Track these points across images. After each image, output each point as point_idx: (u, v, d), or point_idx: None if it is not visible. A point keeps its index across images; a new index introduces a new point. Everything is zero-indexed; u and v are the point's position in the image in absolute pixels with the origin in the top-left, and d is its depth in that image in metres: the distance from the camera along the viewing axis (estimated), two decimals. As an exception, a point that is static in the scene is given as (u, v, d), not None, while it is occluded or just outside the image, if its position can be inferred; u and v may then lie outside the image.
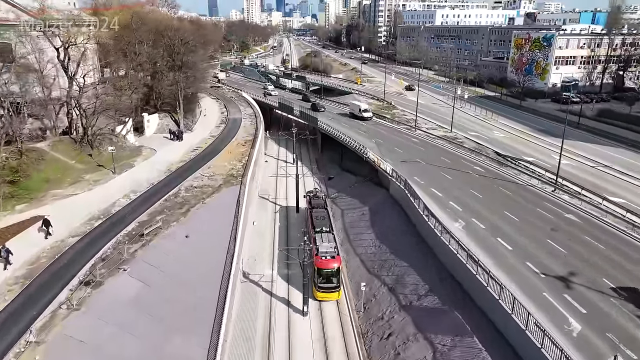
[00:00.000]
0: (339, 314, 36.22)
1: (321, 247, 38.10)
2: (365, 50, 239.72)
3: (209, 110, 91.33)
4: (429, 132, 73.28)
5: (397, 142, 66.88)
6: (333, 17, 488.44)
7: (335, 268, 36.47)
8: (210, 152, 63.35)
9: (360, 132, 72.86)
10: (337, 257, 37.41)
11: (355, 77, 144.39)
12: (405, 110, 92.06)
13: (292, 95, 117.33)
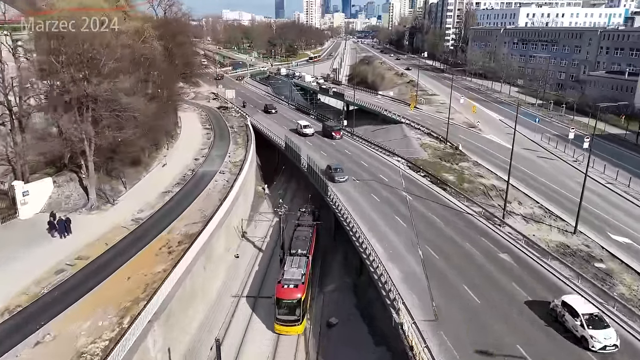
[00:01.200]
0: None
1: (286, 272, 34.62)
2: (428, 56, 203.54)
3: (180, 153, 62.21)
4: (526, 235, 38.50)
5: (468, 264, 33.40)
6: (397, 18, 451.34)
7: (296, 299, 32.77)
8: (94, 273, 32.90)
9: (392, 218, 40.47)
10: (300, 285, 33.45)
11: (410, 95, 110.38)
12: (480, 164, 57.78)
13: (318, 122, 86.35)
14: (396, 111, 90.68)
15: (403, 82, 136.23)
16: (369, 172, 53.92)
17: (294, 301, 32.94)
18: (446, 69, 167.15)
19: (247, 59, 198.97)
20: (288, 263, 35.90)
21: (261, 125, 78.19)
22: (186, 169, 55.45)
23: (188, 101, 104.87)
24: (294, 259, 36.35)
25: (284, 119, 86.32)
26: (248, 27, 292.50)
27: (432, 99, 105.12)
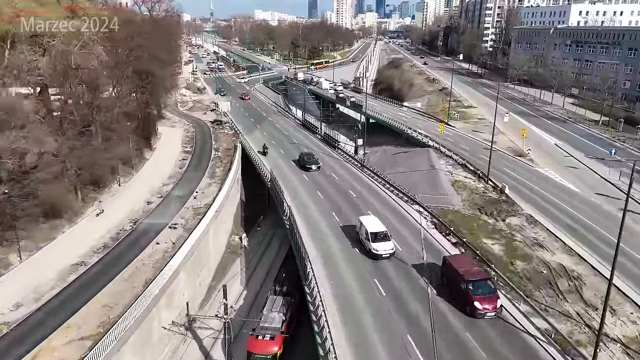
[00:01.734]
0: None
1: (264, 318, 29.73)
2: (464, 59, 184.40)
3: (132, 192, 47.75)
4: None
5: None
6: (432, 18, 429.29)
7: (270, 355, 27.58)
8: None
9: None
10: (278, 337, 28.34)
11: (442, 109, 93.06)
12: (537, 220, 40.59)
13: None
14: (423, 129, 74.13)
15: (434, 90, 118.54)
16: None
17: (267, 358, 27.62)
18: (484, 73, 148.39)
19: (266, 62, 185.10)
20: (269, 304, 31.22)
21: (251, 149, 63.22)
22: (127, 220, 40.85)
23: (181, 113, 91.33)
24: (276, 299, 31.51)
25: (278, 135, 71.10)
26: (272, 27, 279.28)
27: (467, 113, 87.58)
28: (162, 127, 76.87)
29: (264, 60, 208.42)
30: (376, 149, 77.89)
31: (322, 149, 64.77)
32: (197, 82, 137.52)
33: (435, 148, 63.63)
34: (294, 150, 63.12)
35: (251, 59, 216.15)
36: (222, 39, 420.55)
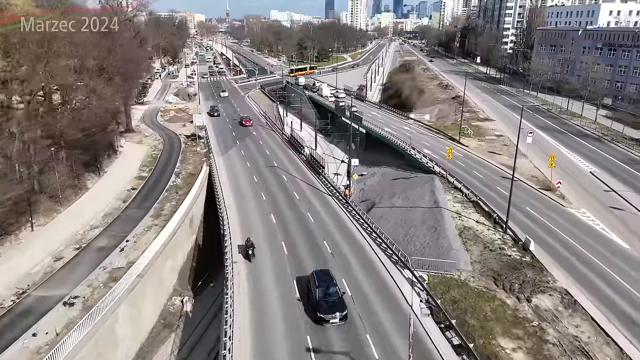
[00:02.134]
0: None
1: None
2: (481, 62, 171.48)
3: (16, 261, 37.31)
4: None
5: None
6: (449, 18, 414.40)
7: None
8: None
9: None
10: None
11: (454, 119, 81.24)
12: (577, 301, 28.81)
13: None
14: (430, 148, 62.73)
15: (447, 98, 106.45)
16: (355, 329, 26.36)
17: None
18: (503, 78, 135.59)
19: (272, 65, 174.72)
20: None
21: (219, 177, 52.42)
22: (13, 289, 30.34)
23: (157, 125, 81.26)
24: None
25: (257, 156, 60.23)
26: (280, 28, 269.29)
27: (483, 128, 75.55)
28: (128, 142, 66.83)
29: (271, 63, 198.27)
30: (375, 170, 66.72)
31: (304, 174, 53.66)
32: (190, 87, 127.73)
33: (442, 176, 52.09)
34: (271, 177, 52.24)
35: (257, 61, 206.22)
36: (234, 40, 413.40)
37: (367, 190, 60.19)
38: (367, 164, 72.45)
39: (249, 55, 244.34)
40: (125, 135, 70.73)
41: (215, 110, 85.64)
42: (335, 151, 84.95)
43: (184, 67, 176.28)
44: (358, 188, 62.93)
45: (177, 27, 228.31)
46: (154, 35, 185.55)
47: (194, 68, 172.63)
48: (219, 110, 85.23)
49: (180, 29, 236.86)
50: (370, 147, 78.30)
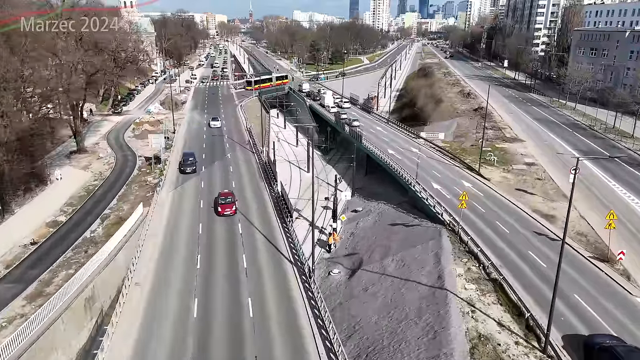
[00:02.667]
0: None
1: None
2: (509, 66, 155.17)
3: None
4: None
5: None
6: (476, 18, 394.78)
7: None
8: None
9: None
10: None
11: (474, 138, 66.96)
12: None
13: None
14: (442, 181, 48.91)
15: (468, 109, 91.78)
16: None
17: None
18: (534, 85, 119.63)
19: (274, 68, 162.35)
20: None
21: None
22: None
23: (119, 142, 69.56)
24: None
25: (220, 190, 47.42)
26: (296, 28, 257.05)
27: (510, 152, 61.01)
28: (71, 167, 55.12)
29: (282, 66, 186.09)
30: (372, 206, 53.31)
31: (267, 224, 40.36)
32: (183, 93, 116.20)
33: (452, 229, 38.29)
34: (222, 228, 39.36)
35: (269, 63, 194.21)
36: (252, 41, 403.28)
37: (358, 237, 46.80)
38: (365, 194, 59.09)
39: (262, 57, 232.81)
40: (74, 157, 59.12)
41: (189, 162, 53.04)
42: (331, 174, 71.67)
43: (188, 70, 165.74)
44: (348, 231, 49.63)
45: (186, 27, 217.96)
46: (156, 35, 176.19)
47: (197, 72, 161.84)
48: (194, 162, 53.63)
49: (189, 29, 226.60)
50: (372, 171, 64.89)
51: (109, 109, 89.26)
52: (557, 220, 40.27)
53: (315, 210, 34.54)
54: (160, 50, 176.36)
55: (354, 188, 61.01)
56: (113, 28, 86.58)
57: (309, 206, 56.51)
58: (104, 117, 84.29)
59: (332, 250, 45.66)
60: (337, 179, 50.28)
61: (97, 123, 79.76)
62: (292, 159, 79.08)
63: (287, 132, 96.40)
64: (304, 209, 56.83)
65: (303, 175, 70.80)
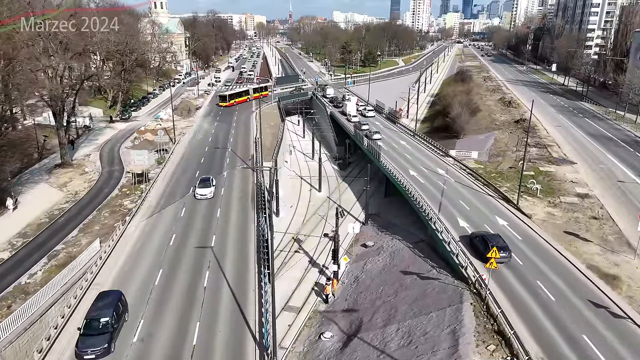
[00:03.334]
0: None
1: None
2: (558, 70, 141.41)
3: None
4: None
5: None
6: (522, 18, 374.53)
7: None
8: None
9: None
10: None
11: (514, 159, 56.86)
12: None
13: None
14: (470, 215, 39.67)
15: (508, 120, 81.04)
16: None
17: None
18: (586, 92, 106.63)
19: (302, 71, 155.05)
20: None
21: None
22: None
23: (112, 156, 63.54)
24: None
25: (199, 225, 39.73)
26: (329, 29, 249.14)
27: (558, 178, 50.58)
28: (46, 185, 49.14)
29: (312, 68, 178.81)
30: (385, 241, 44.74)
31: (242, 278, 32.20)
32: (201, 97, 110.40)
33: (477, 292, 29.15)
34: (184, 281, 31.69)
35: (301, 65, 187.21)
36: (288, 42, 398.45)
37: (363, 284, 38.25)
38: (380, 223, 50.42)
39: (294, 58, 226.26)
40: (55, 172, 53.22)
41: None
42: (345, 194, 63.20)
43: (215, 72, 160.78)
44: (352, 273, 41.11)
45: (217, 28, 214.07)
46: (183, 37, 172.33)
47: (223, 74, 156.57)
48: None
49: (220, 30, 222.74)
50: (393, 193, 55.93)
51: (116, 115, 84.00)
52: (622, 282, 30.42)
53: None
54: (189, 52, 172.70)
55: (367, 215, 52.40)
56: (113, 28, 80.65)
57: (312, 238, 48.57)
58: (108, 124, 78.93)
59: (329, 301, 37.27)
60: (340, 212, 41.54)
61: (99, 130, 74.44)
62: (306, 174, 71.13)
63: (306, 142, 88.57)
64: (306, 240, 48.80)
65: (314, 195, 62.75)
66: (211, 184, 45.59)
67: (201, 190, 44.41)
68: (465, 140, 73.50)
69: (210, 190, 44.69)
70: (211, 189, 44.96)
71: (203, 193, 44.21)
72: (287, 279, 40.96)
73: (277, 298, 37.90)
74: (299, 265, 43.70)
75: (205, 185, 45.09)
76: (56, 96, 50.59)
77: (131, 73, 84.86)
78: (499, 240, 32.70)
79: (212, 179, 46.76)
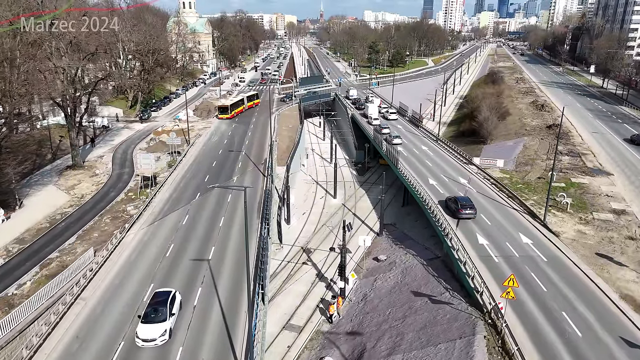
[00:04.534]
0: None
1: None
2: (597, 71, 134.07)
3: None
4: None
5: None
6: (560, 17, 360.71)
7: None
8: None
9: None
10: None
11: (544, 168, 52.82)
12: None
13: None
14: (491, 233, 36.34)
15: (540, 126, 76.44)
16: None
17: None
18: (627, 96, 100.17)
19: (326, 72, 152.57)
20: None
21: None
22: None
23: (123, 156, 62.71)
24: None
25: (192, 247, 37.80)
26: (357, 29, 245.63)
27: (592, 191, 46.38)
28: (54, 187, 48.44)
29: (338, 68, 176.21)
30: (398, 255, 42.00)
31: (234, 299, 30.05)
32: (223, 98, 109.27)
33: (492, 324, 26.06)
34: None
35: (327, 65, 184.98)
36: (317, 42, 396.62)
37: (370, 304, 35.55)
38: (395, 235, 47.56)
39: (322, 58, 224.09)
40: (66, 173, 52.55)
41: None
42: (361, 201, 60.38)
43: (240, 72, 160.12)
44: (361, 290, 38.43)
45: (244, 28, 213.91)
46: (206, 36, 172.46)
47: (247, 75, 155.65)
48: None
49: (248, 30, 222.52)
50: (411, 202, 52.87)
51: (135, 115, 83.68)
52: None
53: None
54: (216, 52, 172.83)
55: (382, 225, 49.48)
56: (113, 28, 79.49)
57: (320, 250, 46.03)
58: (126, 124, 78.55)
59: (333, 321, 34.69)
60: (347, 226, 38.95)
61: (116, 131, 74.03)
62: (322, 179, 68.66)
63: (326, 144, 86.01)
64: (315, 252, 46.31)
65: (328, 202, 60.22)
66: (166, 313, 24.49)
67: (145, 331, 23.71)
68: (492, 147, 69.47)
69: (163, 329, 23.83)
70: (164, 326, 23.96)
71: (147, 337, 23.51)
72: (291, 294, 38.67)
73: (279, 315, 36.00)
74: (306, 278, 41.30)
75: (155, 318, 24.26)
76: (67, 97, 49.77)
77: (151, 73, 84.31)
78: (468, 201, 39.79)
79: (175, 297, 26.16)
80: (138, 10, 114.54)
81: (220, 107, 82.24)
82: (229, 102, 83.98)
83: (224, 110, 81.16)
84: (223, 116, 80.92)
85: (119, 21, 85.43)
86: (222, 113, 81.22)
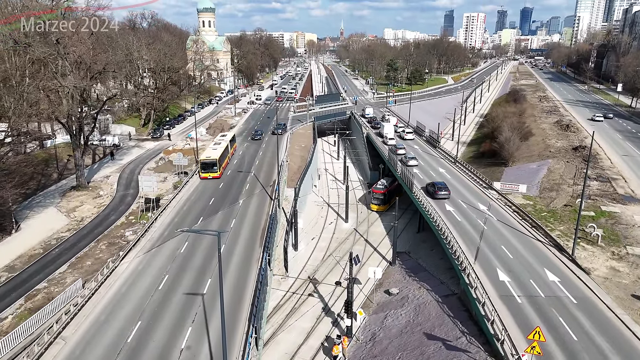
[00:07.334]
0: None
1: None
2: (625, 90, 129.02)
3: None
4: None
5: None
6: (584, 34, 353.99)
7: None
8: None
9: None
10: None
11: (570, 194, 49.12)
12: None
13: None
14: (512, 267, 33.14)
15: (565, 147, 72.61)
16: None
17: None
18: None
19: (343, 89, 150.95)
20: None
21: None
22: None
23: (129, 177, 61.18)
24: None
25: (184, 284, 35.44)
26: (376, 47, 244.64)
27: (624, 222, 42.61)
28: (55, 209, 46.88)
29: (356, 86, 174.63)
30: (411, 289, 38.93)
31: (230, 328, 27.52)
32: (238, 116, 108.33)
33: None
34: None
35: (345, 83, 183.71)
36: (336, 59, 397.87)
37: (379, 346, 32.48)
38: (409, 265, 44.53)
39: (340, 76, 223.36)
40: (69, 194, 51.12)
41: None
42: (374, 225, 57.37)
43: (258, 90, 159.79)
44: (370, 328, 35.32)
45: (263, 45, 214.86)
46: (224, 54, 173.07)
47: (264, 93, 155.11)
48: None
49: (267, 47, 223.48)
50: (427, 228, 49.73)
51: (147, 133, 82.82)
52: None
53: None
54: (234, 70, 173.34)
55: (395, 253, 46.40)
56: (113, 28, 78.48)
57: (327, 283, 43.08)
58: (137, 143, 77.57)
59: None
60: (355, 258, 36.10)
61: (126, 149, 72.98)
62: (334, 201, 65.97)
63: (340, 164, 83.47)
64: (322, 283, 43.42)
65: (339, 226, 57.41)
66: None
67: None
68: (514, 169, 65.93)
69: None
70: None
71: None
72: (294, 331, 35.78)
73: (279, 355, 33.12)
74: (311, 313, 38.36)
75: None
76: (71, 117, 48.61)
77: (164, 92, 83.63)
78: (444, 185, 48.65)
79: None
80: (157, 29, 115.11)
81: (203, 162, 54.07)
82: (216, 154, 55.37)
83: (207, 168, 53.98)
84: (208, 175, 54.22)
85: (135, 40, 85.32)
86: (206, 171, 54.13)
